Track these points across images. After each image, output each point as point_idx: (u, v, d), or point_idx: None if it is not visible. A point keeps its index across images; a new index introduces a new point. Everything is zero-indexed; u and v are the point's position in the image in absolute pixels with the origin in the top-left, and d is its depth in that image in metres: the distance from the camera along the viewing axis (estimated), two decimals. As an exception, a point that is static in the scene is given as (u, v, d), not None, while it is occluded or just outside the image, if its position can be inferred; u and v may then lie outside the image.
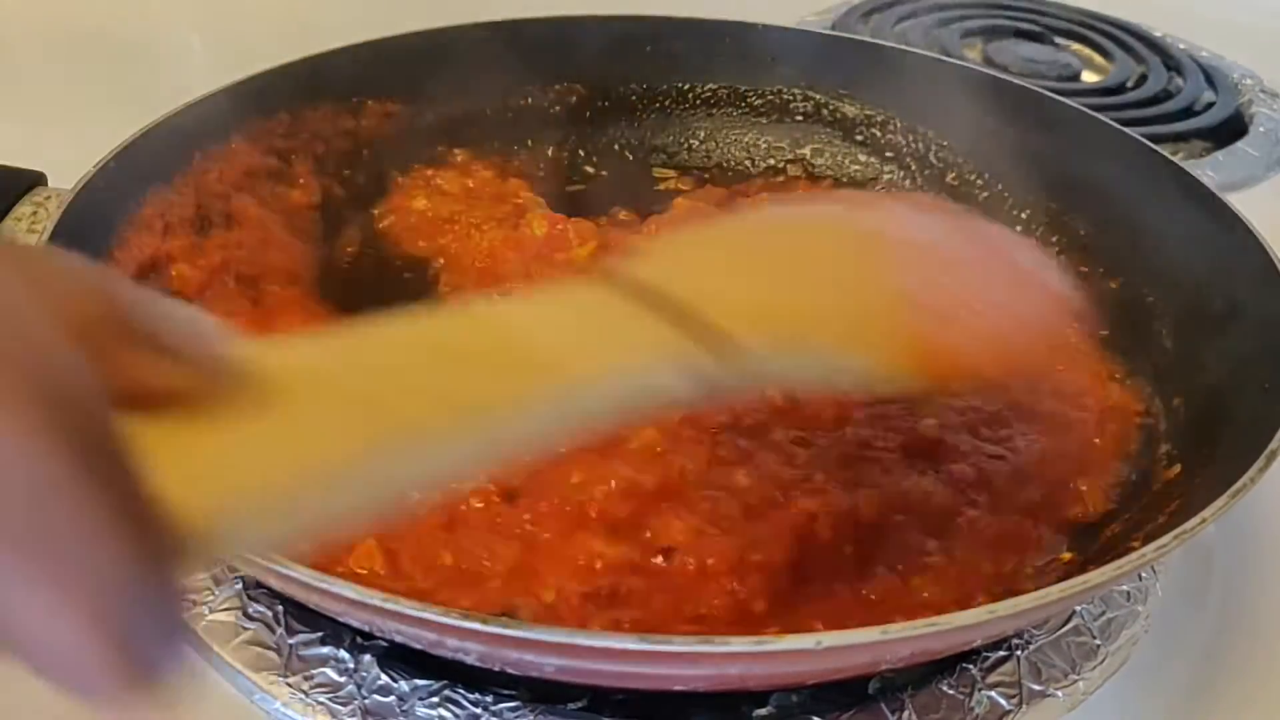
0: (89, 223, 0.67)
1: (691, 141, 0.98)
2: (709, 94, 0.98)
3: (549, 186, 0.92)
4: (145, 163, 0.73)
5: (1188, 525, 0.50)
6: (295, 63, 0.85)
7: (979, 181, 0.91)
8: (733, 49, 0.97)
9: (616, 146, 0.97)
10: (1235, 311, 0.69)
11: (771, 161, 0.97)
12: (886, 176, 0.95)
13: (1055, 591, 0.47)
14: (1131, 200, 0.80)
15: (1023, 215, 0.87)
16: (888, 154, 0.95)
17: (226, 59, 1.10)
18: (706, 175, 0.96)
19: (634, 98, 0.98)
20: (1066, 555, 0.62)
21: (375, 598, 0.44)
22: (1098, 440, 0.69)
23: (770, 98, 0.98)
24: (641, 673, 0.48)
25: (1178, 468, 0.63)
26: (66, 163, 0.70)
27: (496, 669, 0.50)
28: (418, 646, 0.50)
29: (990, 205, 0.90)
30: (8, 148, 0.73)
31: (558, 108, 0.97)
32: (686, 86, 0.99)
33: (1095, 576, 0.48)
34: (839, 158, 0.96)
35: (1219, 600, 0.65)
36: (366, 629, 0.52)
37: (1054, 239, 0.85)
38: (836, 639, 0.44)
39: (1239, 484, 0.52)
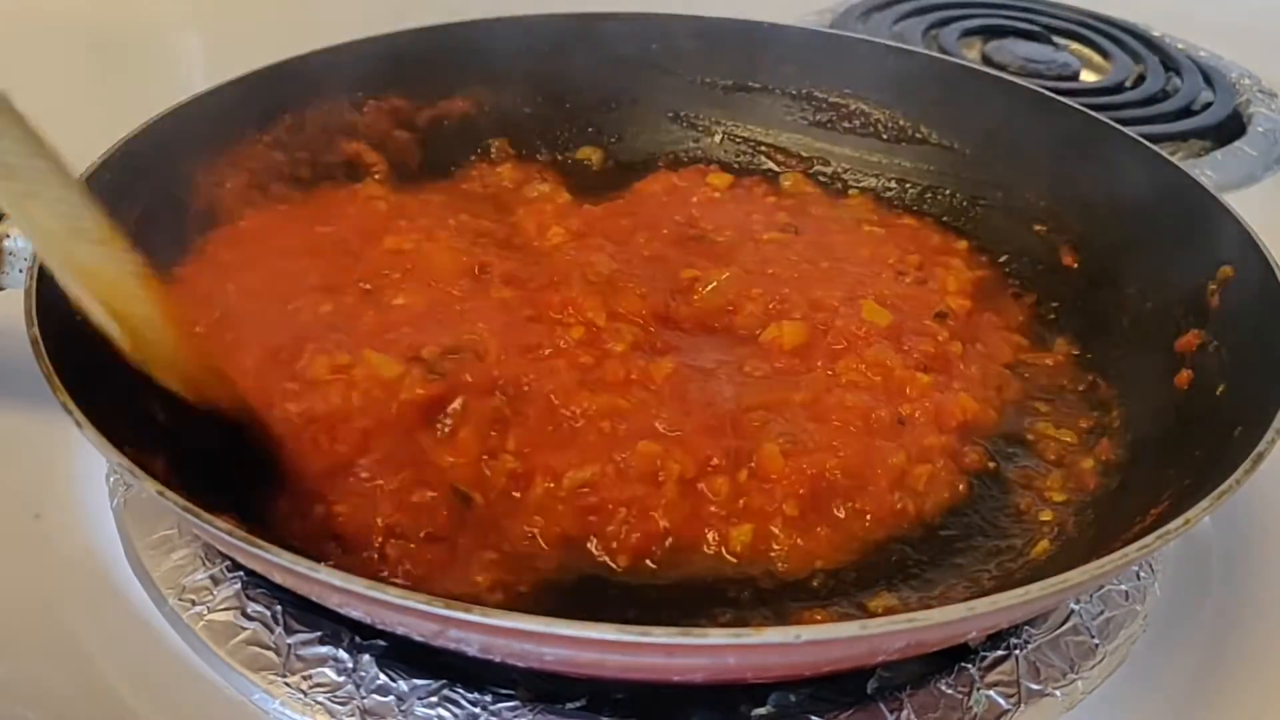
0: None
1: (693, 135, 0.99)
2: (709, 91, 0.98)
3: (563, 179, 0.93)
4: (148, 157, 0.73)
5: (1171, 526, 0.50)
6: (297, 59, 0.85)
7: (979, 179, 0.91)
8: (734, 47, 0.97)
9: (616, 140, 0.97)
10: (1231, 311, 0.69)
11: (768, 156, 0.97)
12: (883, 174, 0.95)
13: (1035, 589, 0.47)
14: (1130, 200, 0.80)
15: (1022, 214, 0.88)
16: (887, 152, 0.95)
17: (228, 56, 1.10)
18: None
19: (634, 95, 0.98)
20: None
21: (387, 593, 0.45)
22: (1091, 442, 0.70)
23: (771, 95, 0.98)
24: (629, 662, 0.49)
25: (1171, 469, 0.63)
26: (70, 156, 0.70)
27: (498, 659, 0.50)
28: (419, 639, 0.50)
29: (989, 202, 0.90)
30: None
31: (567, 104, 0.97)
32: (690, 82, 0.98)
33: (1075, 575, 0.48)
34: (838, 155, 0.96)
35: (1217, 600, 0.65)
36: (369, 621, 0.52)
37: (1052, 236, 0.85)
38: (816, 633, 0.44)
39: (1224, 485, 0.52)
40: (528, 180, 0.92)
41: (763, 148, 0.98)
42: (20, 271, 0.66)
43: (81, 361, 0.61)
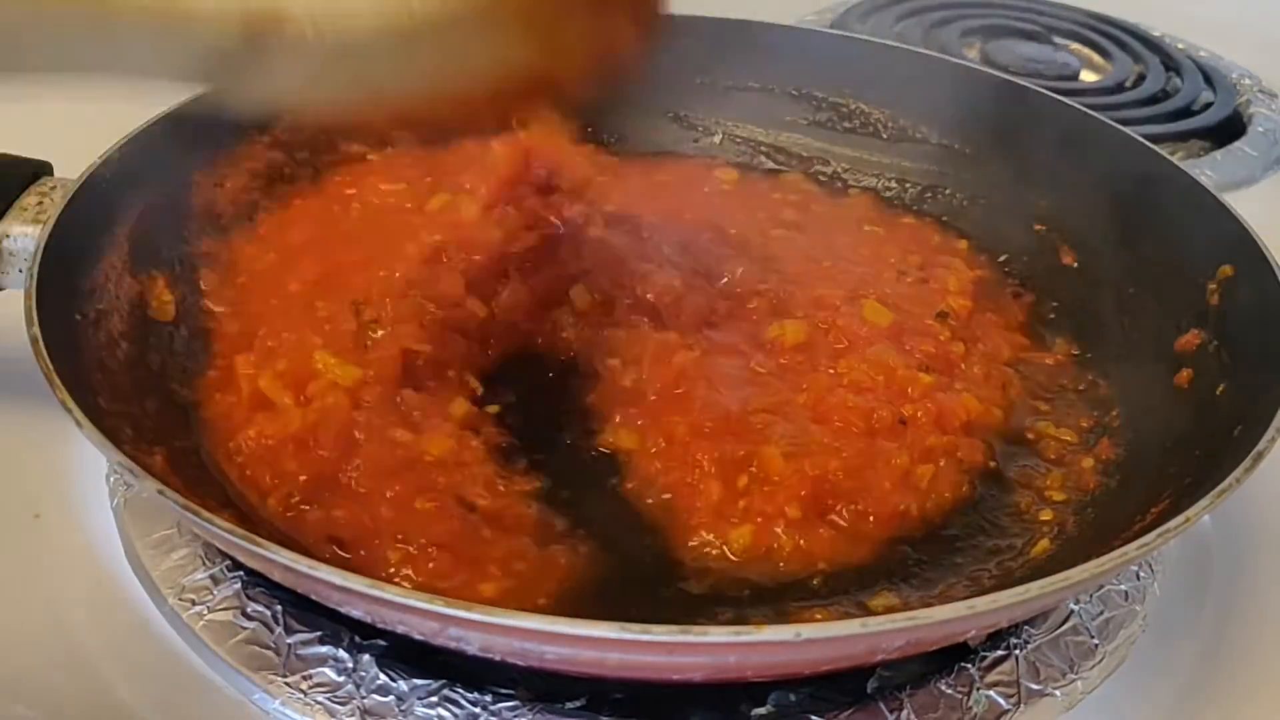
0: (93, 212, 0.67)
1: (692, 135, 0.98)
2: (708, 91, 0.98)
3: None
4: (149, 155, 0.73)
5: (1171, 524, 0.50)
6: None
7: (979, 179, 0.91)
8: (734, 47, 0.97)
9: (616, 140, 0.97)
10: (1231, 311, 0.69)
11: (768, 156, 0.97)
12: (882, 174, 0.95)
13: (1035, 588, 0.47)
14: (1130, 199, 0.80)
15: (1021, 213, 0.87)
16: (887, 151, 0.95)
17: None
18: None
19: (633, 95, 0.98)
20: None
21: (387, 591, 0.45)
22: (1091, 441, 0.70)
23: (771, 94, 0.98)
24: (630, 660, 0.49)
25: (1171, 468, 0.63)
26: (73, 153, 0.70)
27: (498, 658, 0.50)
28: (418, 637, 0.50)
29: (990, 203, 0.90)
30: (15, 136, 0.73)
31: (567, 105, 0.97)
32: (689, 82, 0.98)
33: (1075, 574, 0.48)
34: (838, 155, 0.96)
35: (1216, 600, 0.65)
36: (369, 620, 0.53)
37: (1052, 236, 0.85)
38: (816, 631, 0.44)
39: (1224, 484, 0.52)
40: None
41: (763, 148, 0.97)
42: (20, 271, 0.66)
43: (81, 361, 0.61)
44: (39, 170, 0.71)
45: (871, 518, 0.64)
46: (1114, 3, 1.36)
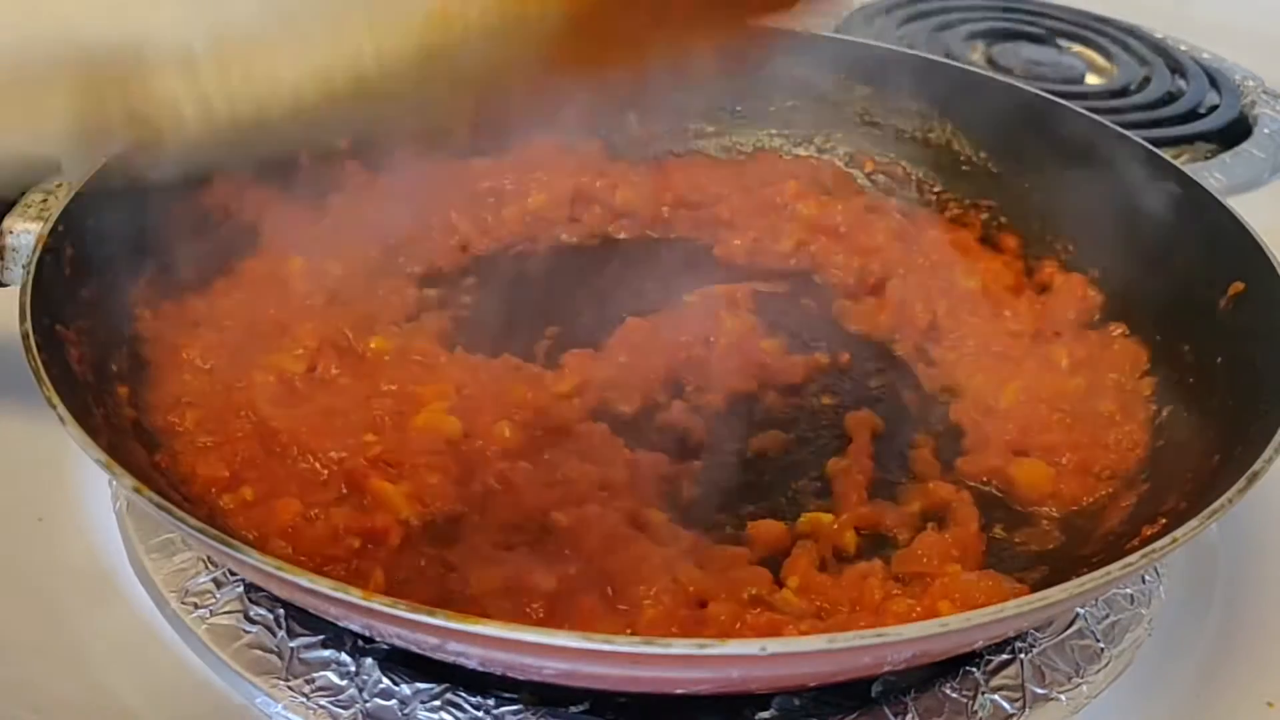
0: (96, 212, 0.67)
1: (699, 143, 0.98)
2: (714, 95, 0.98)
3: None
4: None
5: (1158, 545, 0.50)
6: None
7: (980, 187, 0.91)
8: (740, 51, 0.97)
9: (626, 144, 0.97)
10: (1239, 326, 0.68)
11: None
12: (889, 178, 0.95)
13: (1010, 608, 0.46)
14: (1137, 212, 0.79)
15: (1025, 216, 0.87)
16: (894, 156, 0.95)
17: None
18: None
19: (643, 104, 0.98)
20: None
21: (377, 603, 0.44)
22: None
23: (773, 99, 0.98)
24: (629, 675, 0.49)
25: (1170, 482, 0.63)
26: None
27: (499, 673, 0.50)
28: (419, 651, 0.50)
29: (997, 207, 0.90)
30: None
31: (571, 110, 0.97)
32: (699, 88, 0.98)
33: (1074, 585, 0.47)
34: (844, 160, 0.96)
35: (1222, 604, 0.64)
36: (368, 634, 0.52)
37: (1058, 244, 0.85)
38: (781, 645, 0.44)
39: (1216, 505, 0.52)
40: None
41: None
42: (22, 268, 0.66)
43: (79, 362, 0.61)
44: (46, 168, 0.71)
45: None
46: (1117, 5, 1.36)
